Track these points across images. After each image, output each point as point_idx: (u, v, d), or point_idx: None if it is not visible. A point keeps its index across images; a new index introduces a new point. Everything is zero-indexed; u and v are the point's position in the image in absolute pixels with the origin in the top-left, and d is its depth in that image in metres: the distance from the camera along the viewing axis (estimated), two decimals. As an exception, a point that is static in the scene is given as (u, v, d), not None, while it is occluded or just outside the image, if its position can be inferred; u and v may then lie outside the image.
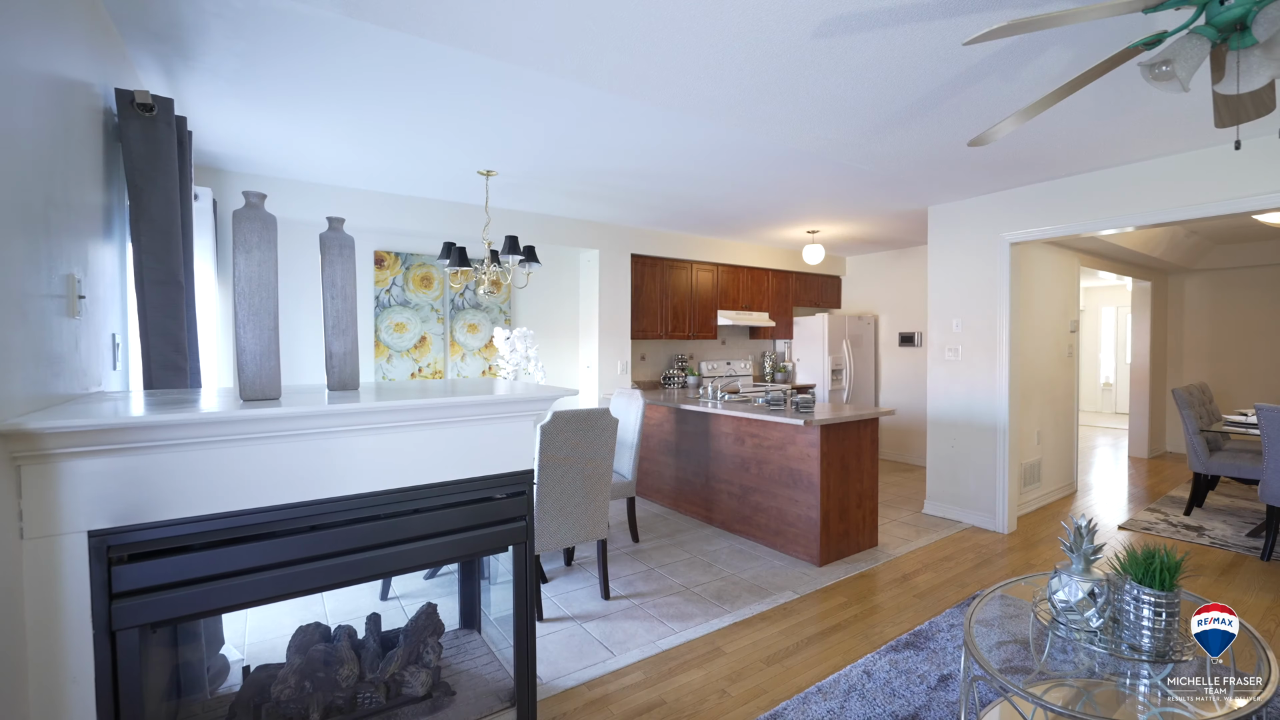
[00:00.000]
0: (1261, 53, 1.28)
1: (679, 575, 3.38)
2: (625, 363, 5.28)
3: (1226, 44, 1.37)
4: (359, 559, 1.52)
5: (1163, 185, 3.41)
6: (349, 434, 1.51)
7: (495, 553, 1.78)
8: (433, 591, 3.08)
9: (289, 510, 1.42)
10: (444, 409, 1.65)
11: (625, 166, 3.53)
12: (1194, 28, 1.37)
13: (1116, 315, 9.95)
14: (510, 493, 1.79)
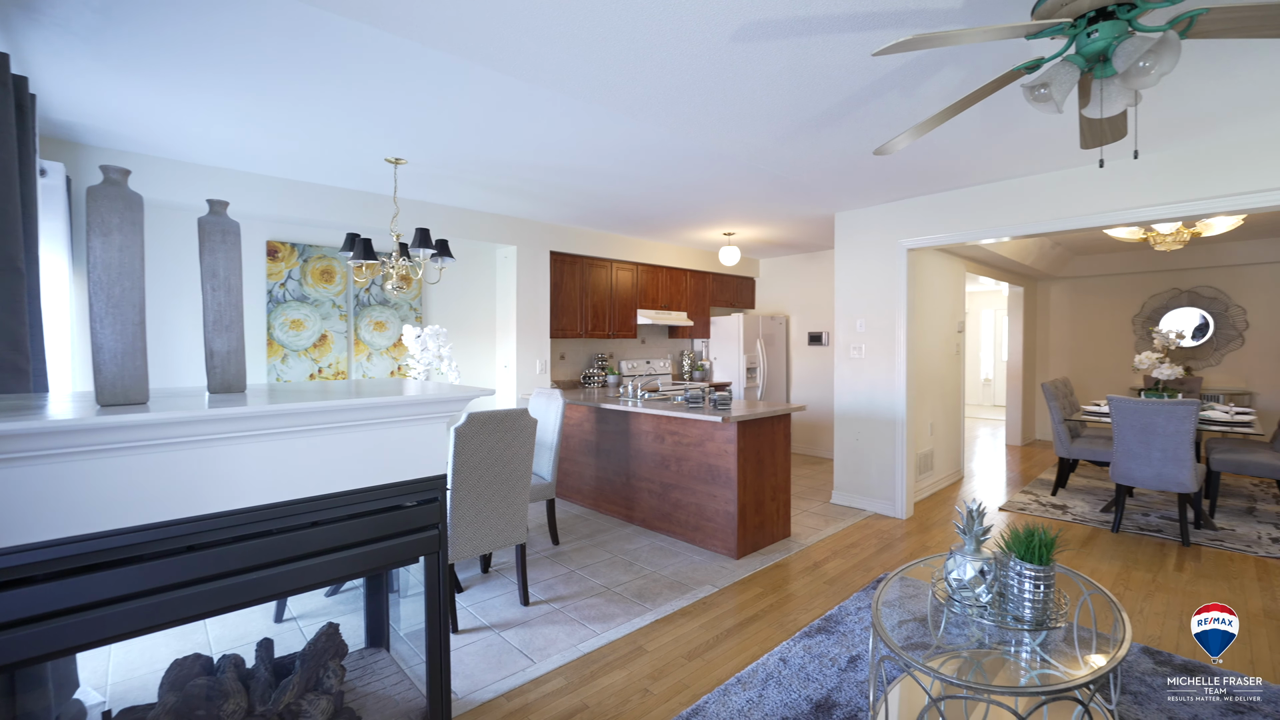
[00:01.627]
0: (1120, 82, 1.44)
1: (600, 576, 3.36)
2: (544, 362, 5.18)
3: (1092, 73, 1.53)
4: (246, 580, 1.37)
5: (1037, 200, 3.79)
6: (234, 441, 1.35)
7: (405, 564, 1.67)
8: (335, 610, 2.86)
9: (160, 530, 1.26)
10: (346, 412, 1.52)
11: (544, 161, 3.45)
12: (1066, 56, 1.52)
13: (995, 317, 10.99)
14: (421, 500, 1.69)
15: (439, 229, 4.39)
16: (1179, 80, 2.42)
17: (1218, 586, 3.20)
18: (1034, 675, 1.78)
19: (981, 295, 10.93)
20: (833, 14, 1.90)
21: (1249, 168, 3.09)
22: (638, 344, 6.46)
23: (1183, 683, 2.25)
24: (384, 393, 1.69)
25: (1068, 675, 1.70)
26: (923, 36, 1.40)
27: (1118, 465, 4.08)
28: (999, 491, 5.28)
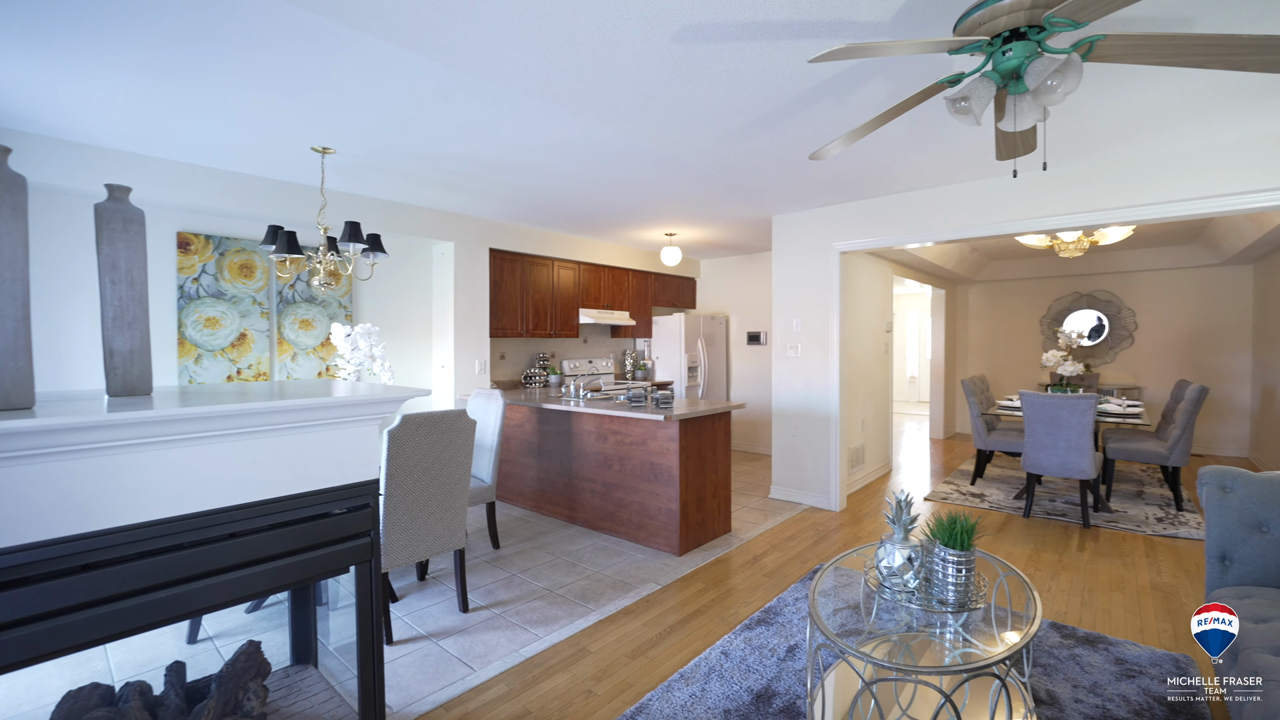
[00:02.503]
0: (1031, 99, 1.54)
1: (542, 578, 3.31)
2: (484, 362, 5.06)
3: (1007, 89, 1.63)
4: (152, 600, 1.26)
5: (958, 207, 4.03)
6: (138, 449, 1.24)
7: (334, 575, 1.59)
8: (257, 627, 2.68)
9: (50, 548, 1.14)
10: (267, 415, 1.43)
11: (483, 155, 3.36)
12: (984, 72, 1.61)
13: (919, 318, 11.62)
14: (351, 507, 1.60)
15: (371, 223, 4.20)
16: (1080, 101, 2.63)
17: (1113, 564, 3.51)
18: (957, 655, 1.88)
19: (907, 297, 11.52)
20: (770, 20, 1.95)
21: (1138, 183, 3.40)
22: (580, 343, 6.42)
23: (1084, 653, 2.45)
24: (310, 394, 1.60)
25: (986, 653, 1.81)
26: (855, 46, 1.45)
27: (1028, 455, 4.40)
28: (924, 482, 5.58)
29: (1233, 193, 3.14)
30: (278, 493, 1.47)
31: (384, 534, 2.56)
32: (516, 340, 5.71)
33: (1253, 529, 2.12)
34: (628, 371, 6.80)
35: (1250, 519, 2.13)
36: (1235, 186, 3.13)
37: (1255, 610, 1.87)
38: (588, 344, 6.52)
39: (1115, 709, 2.09)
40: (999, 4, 1.49)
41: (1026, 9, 1.47)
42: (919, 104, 1.85)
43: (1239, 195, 3.13)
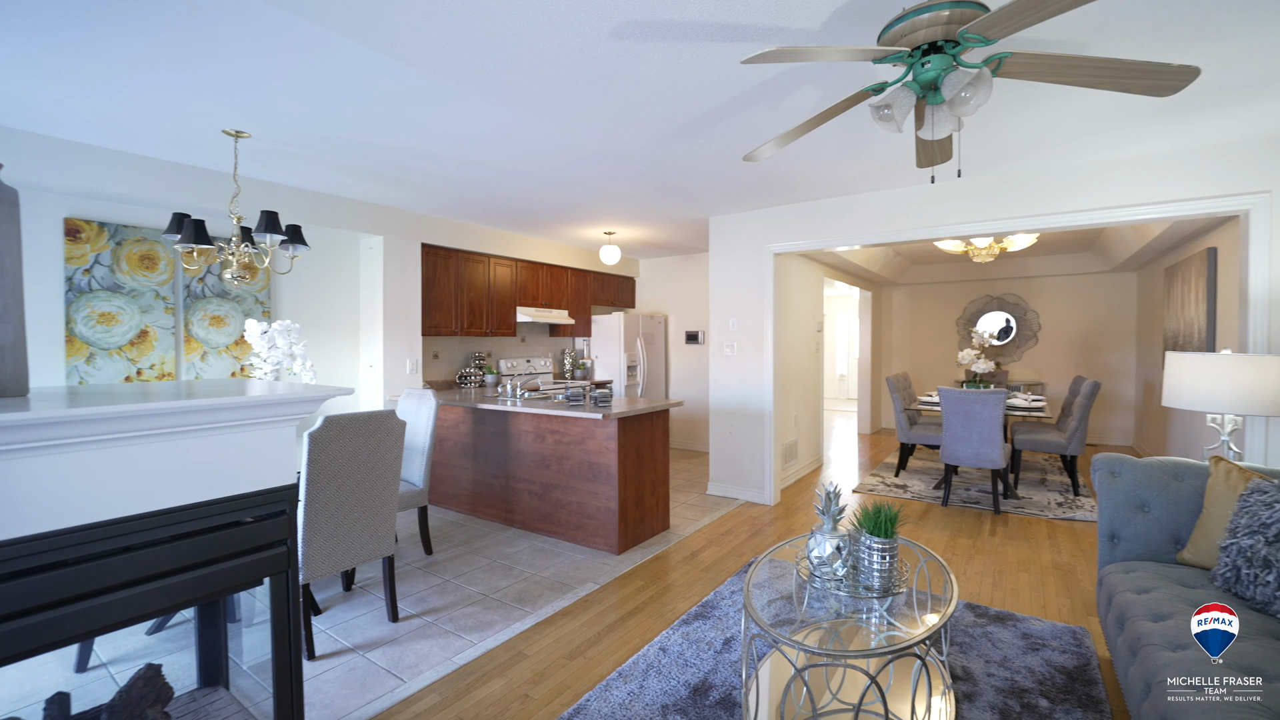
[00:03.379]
0: (947, 109, 1.63)
1: (477, 583, 3.22)
2: (416, 361, 4.88)
3: (926, 100, 1.72)
4: (25, 625, 1.13)
5: (882, 212, 4.23)
6: (11, 455, 1.11)
7: (246, 588, 1.48)
8: (160, 649, 2.46)
9: (-104, 571, 0.99)
10: (170, 416, 1.31)
11: (415, 146, 3.23)
12: (905, 82, 1.69)
13: (848, 319, 12.14)
14: (266, 514, 1.50)
15: (291, 213, 3.96)
16: (992, 116, 2.82)
17: (1021, 547, 3.78)
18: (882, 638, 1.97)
19: (837, 299, 12.01)
20: (705, 22, 1.97)
21: (1041, 194, 3.68)
22: (518, 342, 6.30)
23: (996, 630, 2.63)
24: (219, 394, 1.48)
25: (909, 635, 1.90)
26: (786, 49, 1.49)
27: (946, 447, 4.68)
28: (853, 475, 5.83)
29: (1119, 205, 3.45)
30: (181, 501, 1.35)
31: (304, 543, 2.41)
32: (451, 339, 5.54)
33: (1137, 509, 2.34)
34: (567, 371, 6.74)
35: (1135, 500, 2.35)
36: (1121, 200, 3.45)
37: (1139, 583, 2.07)
38: (525, 343, 6.42)
39: (1022, 680, 2.25)
40: (919, 18, 1.57)
41: (943, 24, 1.56)
42: (846, 110, 1.93)
43: (1124, 208, 3.44)
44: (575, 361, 6.86)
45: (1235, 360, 2.53)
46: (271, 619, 1.53)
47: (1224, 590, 1.93)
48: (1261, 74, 2.38)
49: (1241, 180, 3.15)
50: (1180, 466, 2.33)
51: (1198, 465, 2.33)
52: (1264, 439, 3.08)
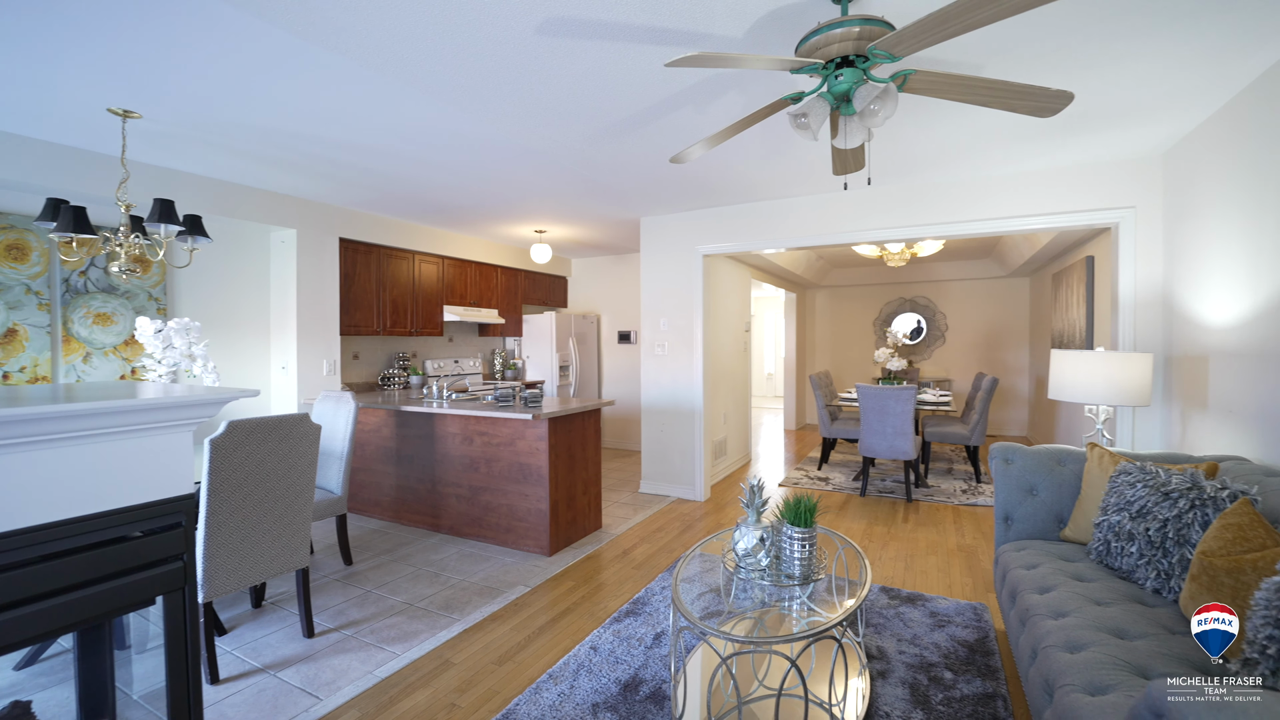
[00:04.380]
0: (858, 120, 1.73)
1: (401, 592, 3.10)
2: (334, 362, 4.63)
3: (839, 110, 1.81)
4: None
5: (804, 217, 4.41)
6: None
7: (135, 609, 1.36)
8: (32, 684, 2.22)
9: None
10: (40, 423, 1.18)
11: (332, 136, 3.07)
12: (820, 93, 1.78)
13: (775, 319, 12.58)
14: (158, 528, 1.38)
15: (190, 202, 3.66)
16: (901, 128, 3.00)
17: (930, 531, 4.05)
18: (804, 623, 2.06)
19: (765, 300, 12.42)
20: (632, 24, 1.99)
21: (946, 203, 3.96)
22: (445, 342, 6.11)
23: (907, 611, 2.81)
24: (104, 397, 1.35)
25: (827, 619, 2.00)
26: (707, 54, 1.53)
27: (863, 441, 4.94)
28: (779, 469, 6.05)
29: (1012, 216, 3.77)
30: (57, 516, 1.22)
31: (205, 557, 2.24)
32: (373, 339, 5.29)
33: (1027, 493, 2.57)
34: (497, 371, 6.60)
35: (1025, 485, 2.57)
36: (1014, 211, 3.76)
37: (1029, 559, 2.27)
38: (453, 343, 6.23)
39: (929, 655, 2.41)
40: (832, 32, 1.66)
41: (854, 39, 1.65)
42: (767, 117, 2.00)
43: (1016, 218, 3.76)
44: (506, 362, 6.74)
45: (1107, 357, 2.82)
46: (166, 641, 1.41)
47: (1097, 562, 2.15)
48: (1126, 103, 2.67)
49: (1113, 196, 3.52)
50: (1062, 453, 2.58)
51: (1077, 452, 2.58)
52: (1131, 426, 3.46)
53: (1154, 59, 2.27)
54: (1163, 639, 1.61)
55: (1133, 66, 2.34)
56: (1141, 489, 2.02)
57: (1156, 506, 1.95)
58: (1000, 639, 2.56)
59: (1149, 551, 1.93)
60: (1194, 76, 2.42)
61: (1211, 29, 2.06)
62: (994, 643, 2.51)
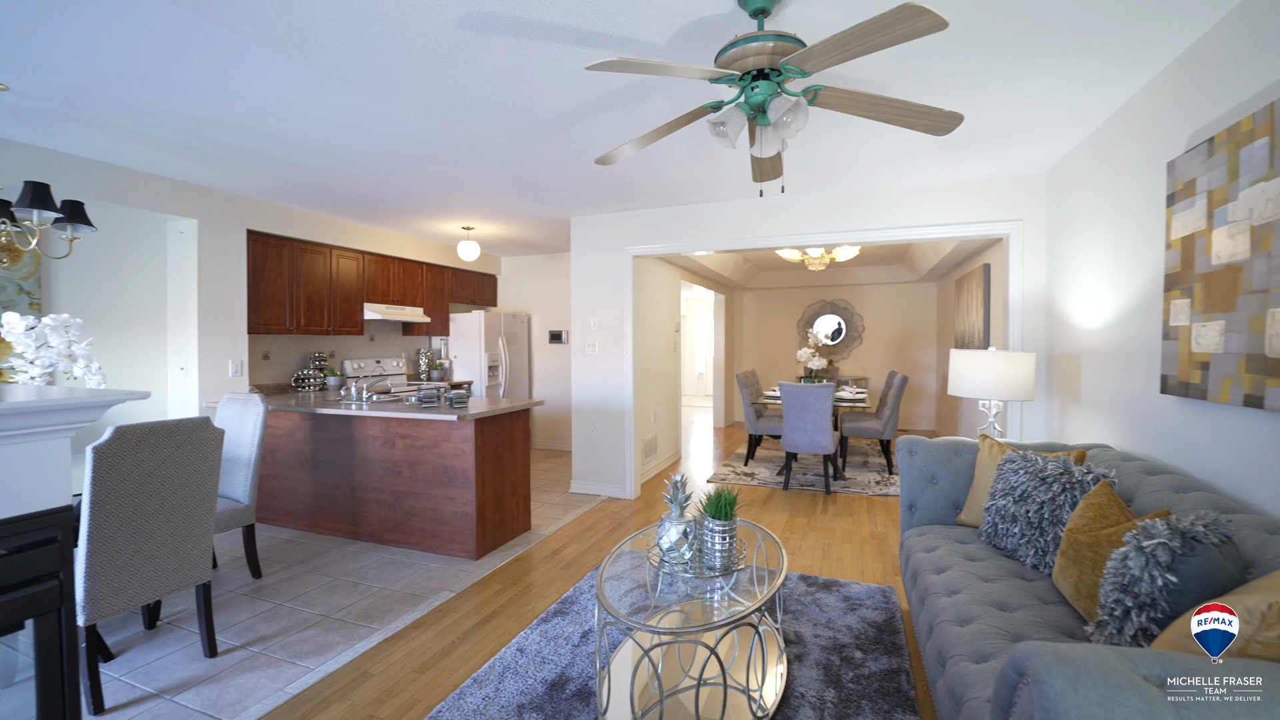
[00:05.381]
0: (772, 131, 1.82)
1: (316, 604, 2.95)
2: (241, 362, 4.33)
3: (756, 121, 1.90)
4: None
5: (730, 221, 4.55)
6: None
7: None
8: None
9: None
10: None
11: (238, 121, 2.88)
12: (739, 103, 1.85)
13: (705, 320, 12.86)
14: (28, 544, 1.26)
15: (70, 187, 3.32)
16: (818, 140, 3.16)
17: (846, 521, 4.28)
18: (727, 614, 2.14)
19: (696, 301, 12.67)
20: (556, 24, 2.00)
21: (860, 211, 4.20)
22: (366, 341, 5.85)
23: (823, 596, 2.96)
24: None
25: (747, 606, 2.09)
26: (627, 60, 1.57)
27: (786, 437, 5.16)
28: (708, 466, 6.21)
29: (919, 225, 4.05)
30: (-102, 536, 1.09)
31: (87, 576, 2.05)
32: (285, 338, 5.00)
33: (928, 482, 2.77)
34: (422, 372, 6.39)
35: (927, 474, 2.78)
36: (921, 220, 4.05)
37: (928, 543, 2.45)
38: (375, 342, 5.97)
39: (842, 637, 2.56)
40: (748, 45, 1.73)
41: (768, 53, 1.73)
42: (688, 124, 2.06)
43: (923, 227, 4.05)
44: (432, 362, 6.53)
45: (997, 356, 3.09)
46: (37, 670, 1.29)
47: (987, 543, 2.36)
48: (1012, 125, 2.93)
49: (1005, 209, 3.86)
50: (959, 444, 2.80)
51: (971, 443, 2.81)
52: (1019, 419, 3.80)
53: (1033, 88, 2.51)
54: (1038, 609, 1.79)
55: (1017, 94, 2.58)
56: (1023, 475, 2.24)
57: (1035, 491, 2.16)
58: (905, 618, 2.76)
59: (1029, 531, 2.14)
60: (1066, 106, 2.70)
61: (1077, 66, 2.31)
62: (900, 622, 2.70)
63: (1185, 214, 2.09)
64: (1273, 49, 1.72)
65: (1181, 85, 2.21)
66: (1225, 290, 1.85)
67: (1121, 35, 2.09)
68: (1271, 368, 1.64)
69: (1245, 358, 1.75)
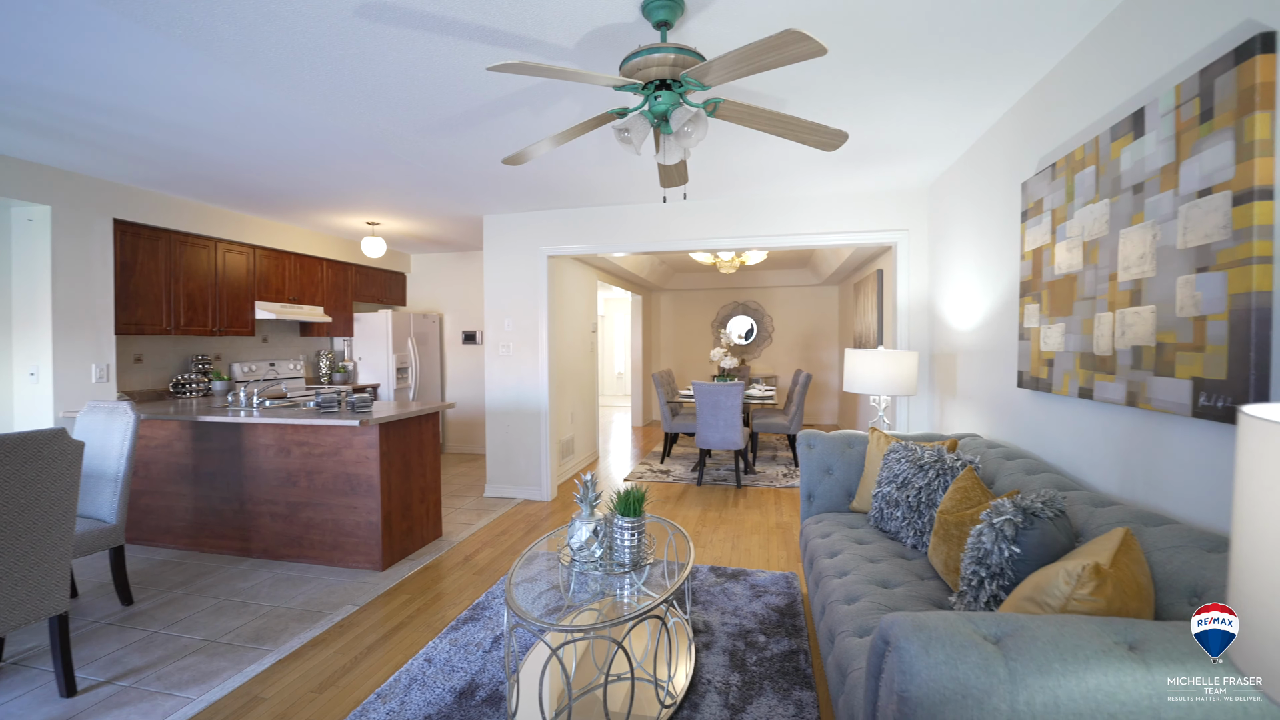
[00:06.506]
0: (674, 140, 1.88)
1: (199, 629, 2.72)
2: (107, 366, 3.90)
3: (659, 129, 1.96)
4: None
5: (645, 224, 4.63)
6: None
7: None
8: None
9: None
10: None
11: (103, 100, 2.59)
12: (643, 111, 1.91)
13: (624, 320, 12.97)
14: None
15: (-119, 166, 2.86)
16: (725, 148, 3.29)
17: (755, 513, 4.48)
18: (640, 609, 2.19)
19: (615, 301, 12.74)
20: (460, 20, 1.96)
21: (765, 217, 4.41)
22: (258, 343, 5.43)
23: (731, 586, 3.09)
24: None
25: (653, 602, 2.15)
26: (529, 64, 1.57)
27: (699, 434, 5.32)
28: (625, 465, 6.28)
29: (819, 232, 4.31)
30: None
31: (-91, 615, 1.78)
32: (162, 339, 4.55)
33: (825, 473, 2.97)
34: (323, 375, 6.02)
35: (823, 466, 2.97)
36: (821, 228, 4.31)
37: (824, 529, 2.63)
38: (269, 343, 5.56)
39: (748, 623, 2.69)
40: (651, 56, 1.79)
41: (670, 65, 1.79)
42: (594, 128, 2.09)
43: (823, 234, 4.31)
44: (334, 364, 6.17)
45: (884, 355, 3.35)
46: None
47: (874, 527, 2.56)
48: (897, 142, 3.19)
49: (894, 219, 4.19)
50: (851, 437, 3.02)
51: (862, 435, 3.04)
52: (907, 412, 4.14)
53: (913, 111, 2.76)
54: (915, 585, 1.97)
55: (899, 116, 2.81)
56: (904, 463, 2.45)
57: (914, 477, 2.37)
58: (805, 601, 2.94)
59: (909, 515, 2.35)
60: (943, 127, 2.98)
61: (950, 92, 2.56)
62: (800, 605, 2.87)
63: (1035, 229, 2.37)
64: (1098, 91, 2.00)
65: (1033, 115, 2.50)
66: (1065, 297, 2.13)
67: (983, 69, 2.34)
68: (1099, 364, 1.90)
69: (1080, 355, 2.02)
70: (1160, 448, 1.65)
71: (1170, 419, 1.61)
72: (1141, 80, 1.75)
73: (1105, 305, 1.86)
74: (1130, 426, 1.79)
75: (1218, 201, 1.39)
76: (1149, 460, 1.70)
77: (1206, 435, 1.47)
